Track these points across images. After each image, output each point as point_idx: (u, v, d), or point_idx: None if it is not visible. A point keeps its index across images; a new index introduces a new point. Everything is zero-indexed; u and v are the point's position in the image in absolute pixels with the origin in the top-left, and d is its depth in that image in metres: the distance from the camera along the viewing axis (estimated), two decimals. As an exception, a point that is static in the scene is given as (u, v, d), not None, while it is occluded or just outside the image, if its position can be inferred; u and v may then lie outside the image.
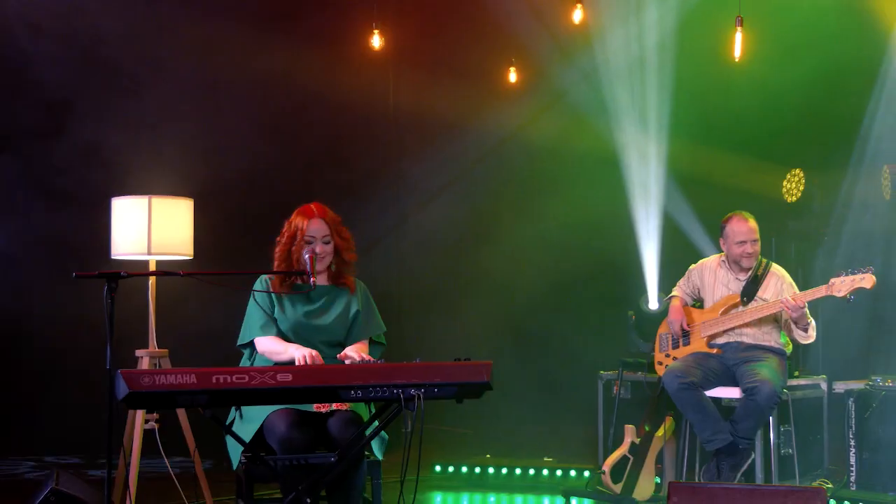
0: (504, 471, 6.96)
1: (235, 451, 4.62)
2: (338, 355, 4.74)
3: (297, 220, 4.87)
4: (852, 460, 6.18)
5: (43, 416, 7.07)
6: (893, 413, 6.03)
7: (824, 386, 6.58)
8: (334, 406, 4.62)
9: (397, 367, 4.25)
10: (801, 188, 8.49)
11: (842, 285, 5.69)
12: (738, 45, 7.03)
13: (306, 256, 4.75)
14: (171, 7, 7.79)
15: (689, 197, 8.50)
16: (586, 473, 6.71)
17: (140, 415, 5.66)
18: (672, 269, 7.43)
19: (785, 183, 8.55)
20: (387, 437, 4.73)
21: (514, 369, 6.96)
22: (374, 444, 4.66)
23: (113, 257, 5.78)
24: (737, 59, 7.13)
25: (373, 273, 5.31)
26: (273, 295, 4.85)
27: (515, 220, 9.01)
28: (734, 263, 6.27)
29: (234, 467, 4.67)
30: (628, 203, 8.49)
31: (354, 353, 4.73)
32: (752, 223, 6.22)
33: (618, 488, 6.07)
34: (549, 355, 8.43)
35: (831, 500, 5.77)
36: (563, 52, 8.60)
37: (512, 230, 9.00)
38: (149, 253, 5.66)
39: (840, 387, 6.50)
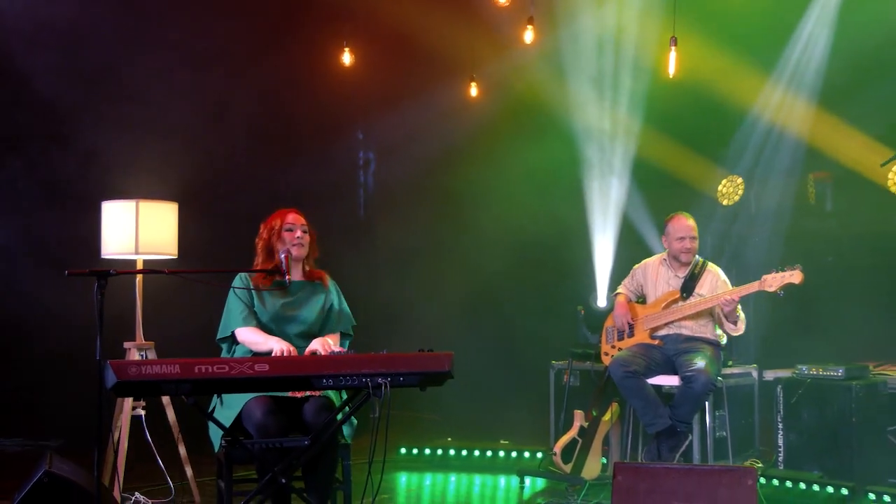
0: (464, 453, 6.97)
1: (216, 436, 4.63)
2: (307, 350, 4.74)
3: (275, 218, 4.91)
4: (780, 442, 6.23)
5: (37, 404, 7.01)
6: (817, 398, 6.08)
7: (755, 374, 6.63)
8: (308, 393, 4.61)
9: (365, 357, 4.27)
10: (740, 193, 8.57)
11: (773, 281, 5.74)
12: (672, 62, 7.04)
13: (282, 256, 4.78)
14: (161, 19, 7.73)
15: (647, 201, 8.55)
16: (539, 455, 6.72)
17: (128, 402, 5.64)
18: (624, 269, 7.49)
19: (721, 188, 8.62)
20: (356, 421, 4.72)
21: (474, 360, 6.95)
22: (345, 429, 4.65)
23: (103, 256, 5.75)
24: (671, 76, 7.14)
25: (343, 270, 5.29)
26: (252, 290, 4.84)
27: (474, 223, 9.00)
28: (674, 260, 6.31)
29: (216, 450, 4.67)
30: (585, 210, 8.53)
31: (319, 345, 4.75)
32: (692, 222, 6.28)
33: (568, 468, 6.09)
34: (505, 347, 8.45)
35: (761, 478, 5.80)
36: (520, 66, 8.61)
37: (471, 233, 8.99)
38: (136, 252, 5.64)
39: (769, 375, 6.55)
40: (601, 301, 7.47)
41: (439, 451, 7.00)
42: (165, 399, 5.70)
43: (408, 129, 9.06)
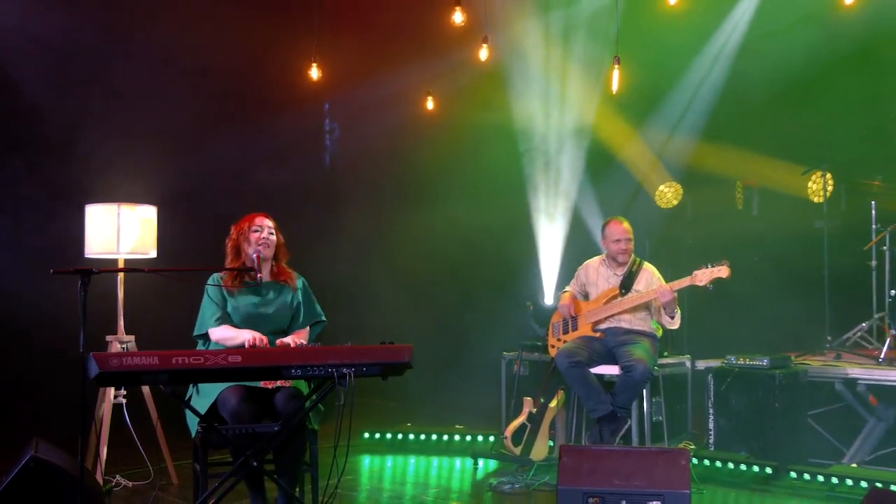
0: (422, 437, 6.96)
1: (193, 422, 4.60)
2: (276, 341, 4.74)
3: (244, 220, 4.89)
4: (711, 425, 6.28)
5: (23, 393, 6.93)
6: (744, 386, 6.13)
7: (688, 364, 6.67)
8: (278, 383, 4.61)
9: (331, 349, 4.28)
10: (679, 198, 8.65)
11: (703, 276, 5.79)
12: (615, 80, 7.10)
13: (253, 256, 4.77)
14: (146, 32, 7.67)
15: (597, 202, 8.63)
16: (491, 438, 6.73)
17: (110, 391, 5.60)
18: (569, 271, 7.55)
19: (659, 193, 8.69)
20: (323, 409, 4.72)
21: (432, 351, 6.96)
22: (312, 416, 4.64)
23: (86, 256, 5.70)
24: (614, 93, 7.20)
25: (312, 268, 5.28)
26: (224, 290, 4.83)
27: (434, 226, 8.99)
28: (612, 260, 6.35)
29: (192, 436, 4.64)
30: (531, 215, 8.58)
31: (289, 340, 4.76)
32: (627, 225, 6.32)
33: (518, 451, 6.11)
34: (462, 340, 8.45)
35: (693, 458, 5.85)
36: (475, 81, 8.63)
37: (431, 236, 8.98)
38: (118, 252, 5.61)
39: (701, 364, 6.60)
40: (548, 299, 7.49)
41: (399, 436, 6.99)
42: (145, 388, 5.66)
43: (371, 134, 9.06)
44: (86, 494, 4.41)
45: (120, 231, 5.57)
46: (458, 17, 7.24)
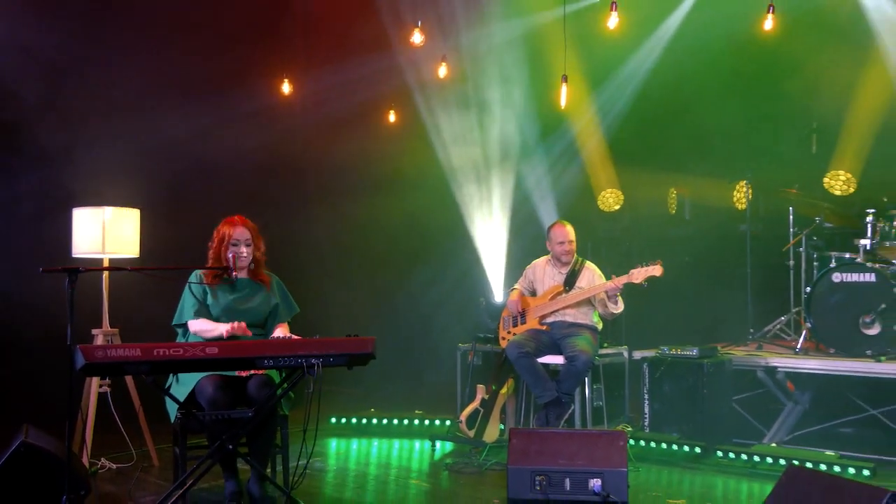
0: (384, 421, 6.95)
1: (172, 409, 4.58)
2: (272, 336, 4.75)
3: (224, 228, 4.86)
4: (646, 410, 6.30)
5: (14, 383, 6.82)
6: (676, 374, 6.16)
7: (626, 354, 6.70)
8: (252, 372, 4.59)
9: (301, 341, 4.30)
10: (619, 203, 8.71)
11: (639, 274, 5.84)
12: (563, 97, 7.14)
13: (230, 256, 4.77)
14: (132, 47, 7.57)
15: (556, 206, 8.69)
16: (447, 422, 6.73)
17: (95, 381, 5.54)
18: (514, 272, 7.60)
19: (601, 198, 8.76)
20: (293, 396, 4.71)
21: (393, 343, 6.97)
22: (283, 402, 4.63)
23: (73, 255, 5.64)
24: (563, 108, 7.24)
25: (284, 267, 5.26)
26: (205, 286, 4.81)
27: (395, 232, 8.98)
28: (556, 260, 6.39)
29: (172, 421, 4.62)
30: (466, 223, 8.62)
31: (280, 332, 4.79)
32: (569, 228, 6.36)
33: (471, 433, 6.12)
34: (419, 332, 8.44)
35: (630, 440, 5.89)
36: (433, 97, 8.64)
37: (393, 240, 8.98)
38: (103, 252, 5.56)
39: (637, 355, 6.63)
40: (497, 297, 7.51)
41: (363, 421, 6.97)
42: (128, 378, 5.61)
43: (340, 146, 9.02)
44: (73, 476, 4.37)
45: (105, 232, 5.53)
46: (416, 37, 7.25)
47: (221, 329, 4.61)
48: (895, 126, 7.41)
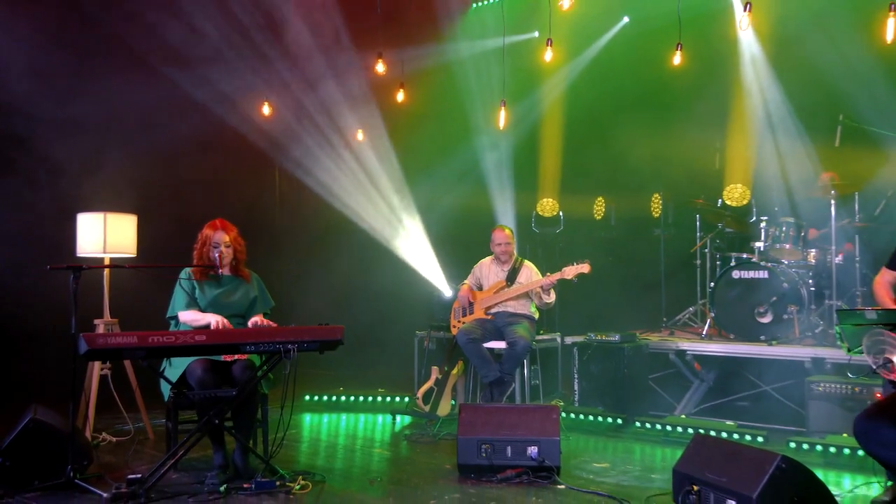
0: (351, 398, 6.93)
1: (165, 389, 4.52)
2: (249, 322, 4.72)
3: (206, 231, 4.83)
4: (576, 387, 6.33)
5: (23, 367, 6.69)
6: (601, 356, 6.20)
7: (559, 339, 6.72)
8: (236, 357, 4.55)
9: (279, 329, 4.29)
10: (555, 211, 8.76)
11: (570, 271, 5.87)
12: (502, 118, 7.14)
13: (215, 255, 4.73)
14: (130, 68, 7.44)
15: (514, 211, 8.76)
16: (406, 399, 6.73)
17: (97, 365, 5.46)
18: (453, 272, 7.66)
19: (540, 205, 8.81)
20: (272, 377, 4.68)
21: (359, 331, 6.90)
22: (263, 383, 4.60)
23: (77, 255, 5.55)
24: (502, 128, 7.25)
25: (262, 265, 5.22)
26: (194, 282, 4.76)
27: (359, 235, 8.95)
28: (497, 259, 6.43)
29: (165, 400, 4.56)
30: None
31: (255, 320, 4.74)
32: (507, 232, 6.38)
33: (427, 408, 6.12)
34: (382, 321, 8.39)
35: (562, 413, 5.93)
36: (394, 118, 8.62)
37: (357, 242, 8.95)
38: (104, 252, 5.47)
39: (569, 340, 6.64)
40: (446, 294, 7.53)
41: (333, 398, 6.94)
42: (126, 362, 5.53)
43: (313, 161, 8.96)
44: (77, 448, 4.32)
45: (106, 234, 5.44)
46: (380, 67, 7.23)
47: (208, 319, 4.57)
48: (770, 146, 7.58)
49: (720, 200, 7.37)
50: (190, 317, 4.65)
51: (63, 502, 4.02)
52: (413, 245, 8.61)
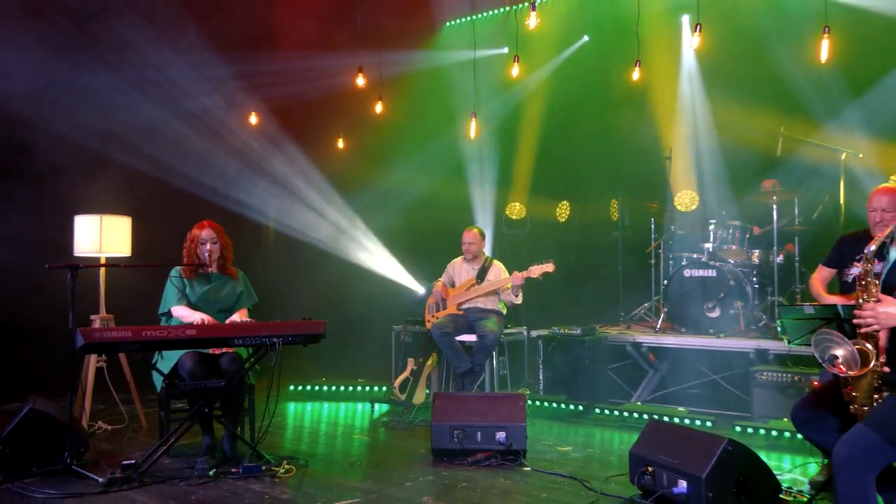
0: (333, 388, 6.90)
1: (158, 380, 4.47)
2: (227, 320, 4.65)
3: (195, 231, 4.81)
4: (541, 377, 6.35)
5: (23, 360, 6.57)
6: (564, 348, 6.23)
7: (525, 333, 6.74)
8: (224, 349, 4.51)
9: (265, 324, 4.25)
10: (522, 214, 8.76)
11: (535, 270, 5.89)
12: (472, 129, 7.15)
13: (204, 253, 4.70)
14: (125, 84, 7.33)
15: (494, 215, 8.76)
16: (384, 388, 6.72)
17: (93, 358, 5.38)
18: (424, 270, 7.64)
19: (509, 209, 8.81)
20: (259, 368, 4.63)
21: (340, 325, 6.85)
22: (250, 374, 4.56)
23: (75, 255, 5.46)
24: (473, 138, 7.25)
25: (249, 266, 5.18)
26: (184, 279, 4.71)
27: (338, 237, 8.91)
28: (466, 256, 6.43)
29: (157, 390, 4.51)
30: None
31: (237, 317, 4.70)
32: (475, 231, 6.38)
33: (403, 397, 6.11)
34: (362, 316, 8.32)
35: (528, 400, 5.94)
36: (372, 127, 8.57)
37: (335, 244, 8.91)
38: (100, 251, 5.40)
39: (534, 333, 6.66)
40: (419, 291, 7.50)
41: (316, 388, 6.91)
42: (121, 355, 5.45)
43: (294, 168, 8.88)
44: (74, 436, 4.27)
45: (101, 235, 5.37)
46: (360, 80, 7.20)
47: (196, 317, 4.53)
48: (715, 155, 7.66)
49: (672, 205, 7.42)
50: (181, 312, 4.61)
51: (61, 487, 3.95)
52: (382, 253, 8.64)
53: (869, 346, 2.83)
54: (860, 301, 2.89)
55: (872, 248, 2.93)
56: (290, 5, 8.36)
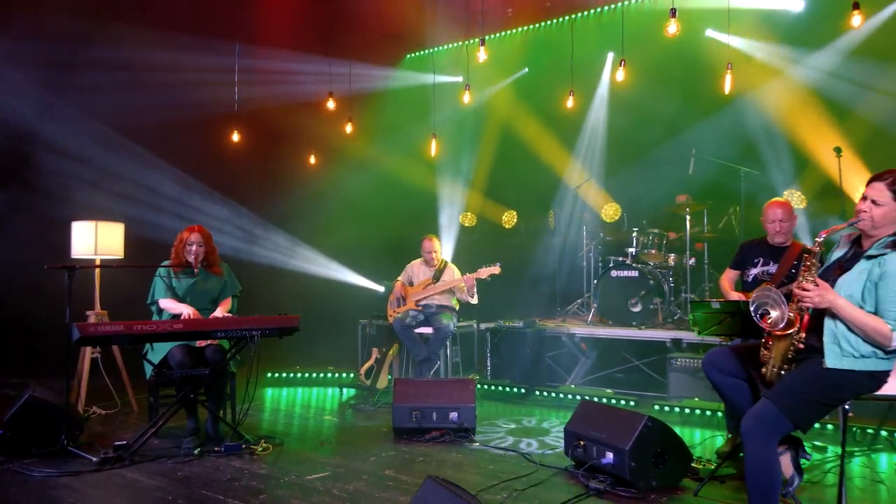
0: (306, 375, 6.83)
1: (148, 369, 4.38)
2: (210, 315, 4.56)
3: (183, 233, 4.71)
4: (488, 364, 6.37)
5: (24, 351, 6.37)
6: (509, 339, 6.26)
7: (475, 325, 6.74)
8: (209, 342, 4.44)
9: (244, 319, 4.20)
10: (474, 222, 8.78)
11: (484, 272, 5.91)
12: (433, 148, 7.16)
13: (190, 255, 4.63)
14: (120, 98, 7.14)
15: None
16: (351, 375, 6.68)
17: (88, 350, 5.24)
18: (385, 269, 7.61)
19: (462, 217, 8.82)
20: (239, 358, 4.57)
21: (312, 319, 6.77)
22: (232, 363, 4.50)
23: (72, 256, 5.32)
24: (433, 156, 7.25)
25: (236, 262, 5.11)
26: (171, 273, 4.62)
27: (319, 239, 8.81)
28: (425, 261, 6.43)
29: (147, 378, 4.41)
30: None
31: (219, 312, 4.60)
32: (434, 242, 6.37)
33: (368, 382, 6.08)
34: (332, 311, 8.25)
35: (478, 385, 5.95)
36: (343, 145, 8.51)
37: (316, 244, 8.82)
38: (95, 253, 5.26)
39: (483, 326, 6.68)
40: (380, 289, 7.47)
41: (291, 375, 6.83)
42: (115, 347, 5.32)
43: (274, 181, 8.77)
44: (70, 421, 4.16)
45: (97, 239, 5.24)
46: (330, 104, 7.16)
47: (182, 309, 4.45)
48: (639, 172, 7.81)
49: (599, 216, 7.53)
50: (169, 304, 4.53)
51: (58, 466, 3.84)
52: (342, 262, 8.59)
53: (797, 316, 2.79)
54: (801, 279, 2.79)
55: (824, 236, 2.83)
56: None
